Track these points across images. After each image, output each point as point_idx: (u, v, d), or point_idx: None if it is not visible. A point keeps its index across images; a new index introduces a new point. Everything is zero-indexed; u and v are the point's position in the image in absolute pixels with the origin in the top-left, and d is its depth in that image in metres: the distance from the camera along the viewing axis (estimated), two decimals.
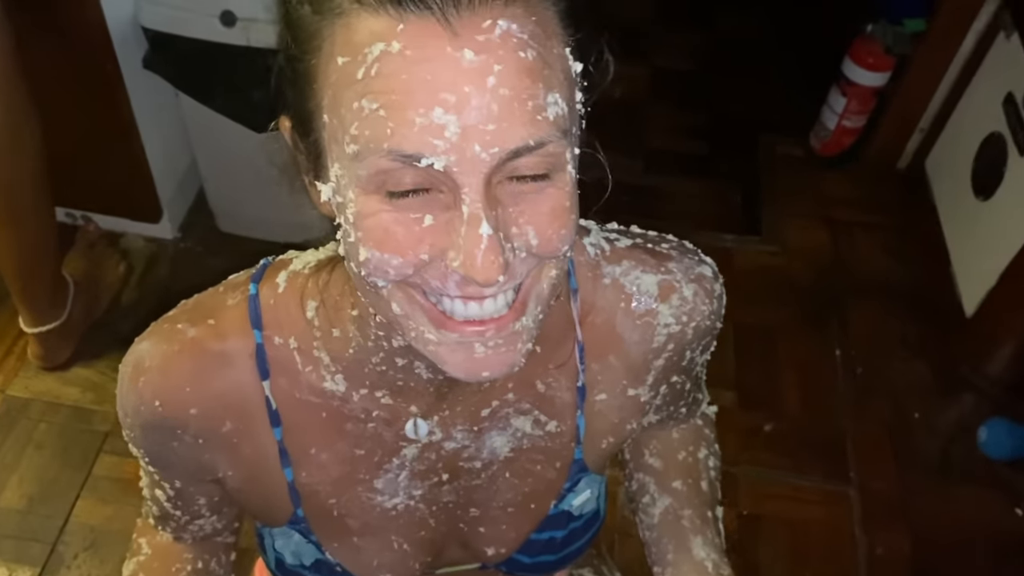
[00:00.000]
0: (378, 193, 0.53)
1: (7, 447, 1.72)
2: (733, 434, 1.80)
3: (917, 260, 2.13)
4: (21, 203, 1.56)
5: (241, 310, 0.71)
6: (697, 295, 0.76)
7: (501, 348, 0.57)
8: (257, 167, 1.90)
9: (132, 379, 0.71)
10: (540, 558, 0.85)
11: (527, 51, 0.51)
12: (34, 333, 1.76)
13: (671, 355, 0.78)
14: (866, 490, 1.75)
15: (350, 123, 0.52)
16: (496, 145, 0.50)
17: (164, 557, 0.87)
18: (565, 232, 0.55)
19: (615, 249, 0.76)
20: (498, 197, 0.53)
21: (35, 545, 1.60)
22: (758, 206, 2.29)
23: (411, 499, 0.79)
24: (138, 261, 2.01)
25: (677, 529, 0.89)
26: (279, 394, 0.72)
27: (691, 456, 0.92)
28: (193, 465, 0.75)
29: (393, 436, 0.74)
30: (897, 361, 1.96)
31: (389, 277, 0.55)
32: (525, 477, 0.80)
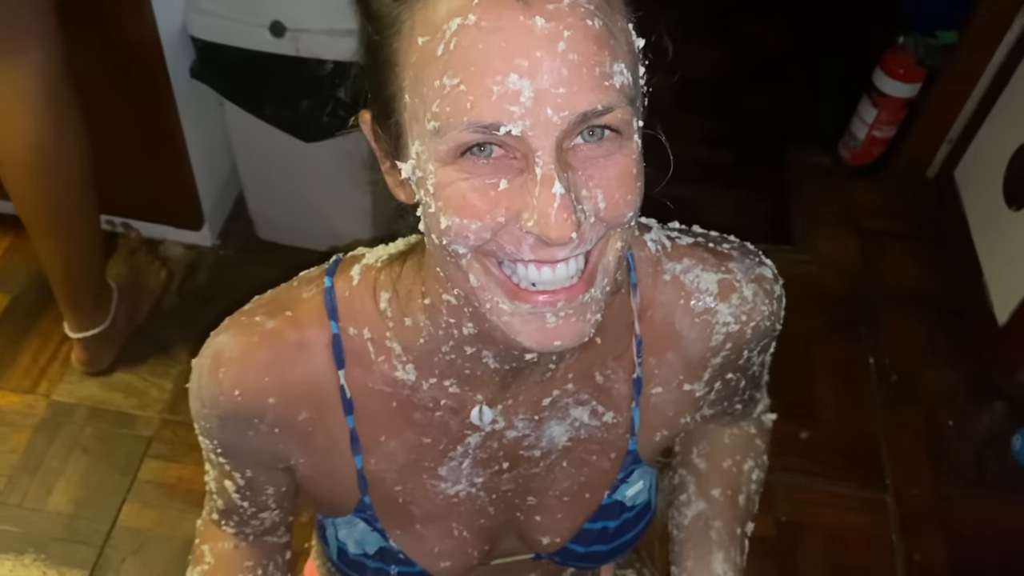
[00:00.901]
0: (456, 163, 0.56)
1: (53, 452, 1.74)
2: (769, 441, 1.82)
3: (948, 269, 2.14)
4: (68, 210, 1.58)
5: (317, 302, 0.74)
6: (757, 295, 0.77)
7: (572, 318, 0.60)
8: (298, 176, 1.95)
9: (211, 371, 0.73)
10: (593, 547, 0.86)
11: (594, 20, 0.54)
12: (79, 338, 1.78)
13: (729, 353, 0.79)
14: (902, 497, 1.77)
15: (432, 101, 0.55)
16: (567, 108, 0.53)
17: (227, 565, 0.89)
18: (632, 197, 0.58)
19: (676, 247, 0.78)
20: (569, 162, 0.56)
21: (83, 548, 1.62)
22: (786, 216, 2.31)
23: (472, 486, 0.81)
24: (178, 268, 2.04)
25: (703, 538, 0.91)
26: (353, 383, 0.75)
27: (736, 466, 0.94)
28: (267, 454, 0.78)
29: (459, 424, 0.77)
30: (930, 369, 1.97)
31: (469, 243, 0.57)
32: (581, 467, 0.82)
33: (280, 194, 1.96)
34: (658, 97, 2.29)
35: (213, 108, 1.84)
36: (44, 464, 1.71)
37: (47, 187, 1.53)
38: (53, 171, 1.52)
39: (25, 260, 2.00)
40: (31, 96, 1.44)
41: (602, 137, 0.57)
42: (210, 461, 0.82)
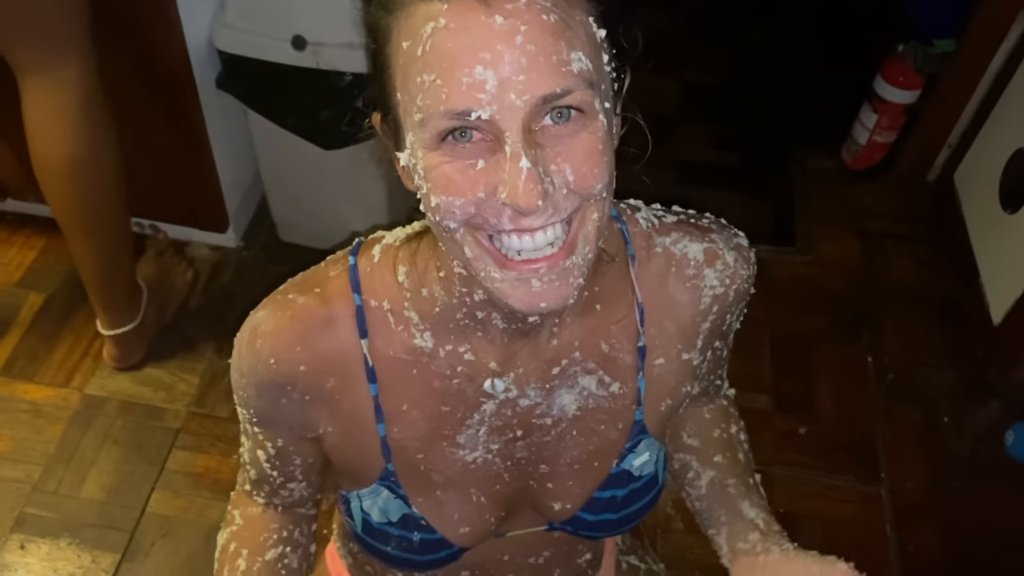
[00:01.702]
0: (439, 148, 0.63)
1: (86, 442, 1.82)
2: (769, 435, 1.89)
3: (946, 270, 2.20)
4: (101, 213, 1.66)
5: (343, 279, 0.81)
6: (737, 261, 0.85)
7: (555, 282, 0.66)
8: (318, 181, 2.03)
9: (250, 342, 0.80)
10: (603, 516, 0.91)
11: (549, 15, 0.60)
12: (110, 335, 1.86)
13: (715, 317, 0.86)
14: (897, 490, 1.82)
15: (416, 95, 0.62)
16: (527, 93, 0.60)
17: (254, 526, 0.95)
18: (598, 171, 0.64)
19: (663, 224, 0.85)
20: (539, 141, 0.62)
21: (115, 533, 1.70)
22: (790, 218, 2.37)
23: (489, 453, 0.86)
24: (204, 268, 2.11)
25: (725, 496, 0.97)
26: (375, 353, 0.81)
27: (724, 432, 1.01)
28: (298, 422, 0.84)
29: (474, 392, 0.82)
30: (927, 367, 2.03)
31: (456, 218, 0.65)
32: (590, 436, 0.87)
33: (301, 198, 2.04)
34: (667, 101, 2.36)
35: (238, 117, 1.92)
36: (78, 454, 1.80)
37: (82, 193, 1.61)
38: (88, 178, 1.60)
39: (59, 261, 2.08)
40: (69, 108, 1.52)
41: (568, 118, 0.63)
42: (246, 432, 0.89)
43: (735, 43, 2.90)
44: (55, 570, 1.64)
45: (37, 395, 1.88)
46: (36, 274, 2.09)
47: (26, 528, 1.69)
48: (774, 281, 2.18)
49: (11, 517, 1.70)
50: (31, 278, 2.08)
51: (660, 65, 2.52)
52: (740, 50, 2.87)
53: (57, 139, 1.55)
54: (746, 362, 2.00)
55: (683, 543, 1.73)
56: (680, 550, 1.72)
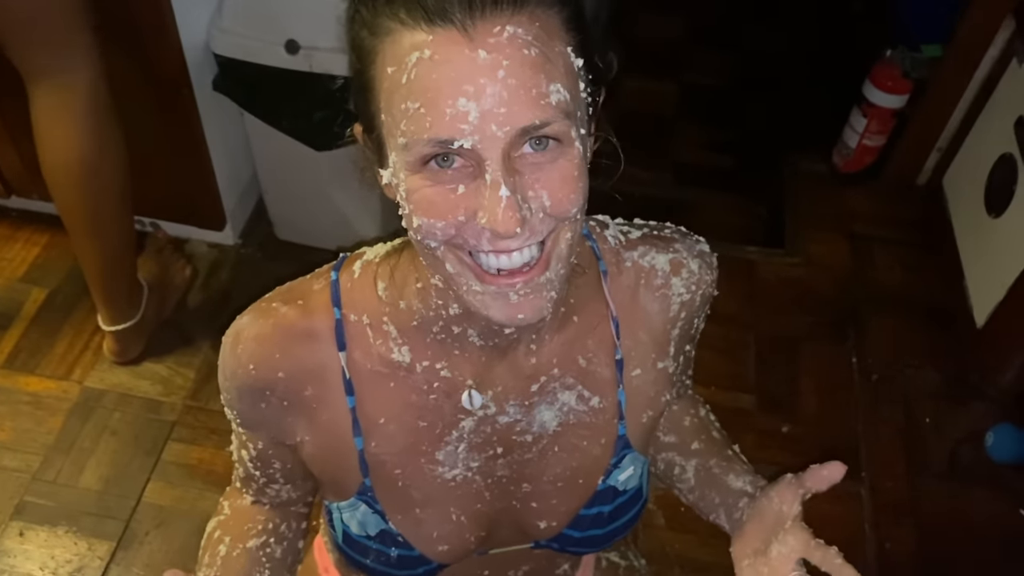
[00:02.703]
0: (421, 172, 0.65)
1: (85, 433, 1.86)
2: (752, 435, 1.92)
3: (932, 273, 2.22)
4: (107, 214, 1.70)
5: (325, 293, 0.83)
6: (701, 267, 0.88)
7: (531, 296, 0.69)
8: (313, 180, 2.07)
9: (232, 346, 0.83)
10: (589, 532, 0.92)
11: (531, 49, 0.63)
12: (111, 331, 1.90)
13: (684, 323, 0.89)
14: (877, 489, 1.85)
15: (399, 120, 0.64)
16: (508, 124, 0.62)
17: (240, 517, 0.97)
18: (574, 196, 0.67)
19: (630, 239, 0.88)
20: (517, 168, 0.65)
21: (111, 522, 1.74)
22: (782, 220, 2.40)
23: (469, 471, 0.87)
24: (202, 265, 2.15)
25: (711, 478, 0.98)
26: (353, 366, 0.83)
27: (695, 418, 1.03)
28: (276, 427, 0.86)
29: (452, 408, 0.84)
30: (910, 369, 2.05)
31: (437, 238, 0.67)
32: (573, 452, 0.89)
33: (297, 197, 2.08)
34: (664, 104, 2.40)
35: (234, 118, 1.97)
36: (77, 445, 1.85)
37: (89, 194, 1.65)
38: (95, 180, 1.64)
39: (61, 257, 2.13)
40: (77, 111, 1.57)
41: (546, 147, 0.65)
42: (234, 431, 0.92)
43: (734, 47, 2.93)
44: (53, 557, 1.69)
45: (38, 387, 1.93)
46: (39, 270, 2.14)
47: (25, 516, 1.74)
48: (762, 282, 2.21)
49: (11, 505, 1.75)
50: (34, 274, 2.13)
51: (660, 68, 2.57)
52: (739, 54, 2.91)
53: (66, 142, 1.60)
54: (730, 362, 2.03)
55: (664, 538, 1.76)
56: (661, 545, 1.75)
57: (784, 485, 0.90)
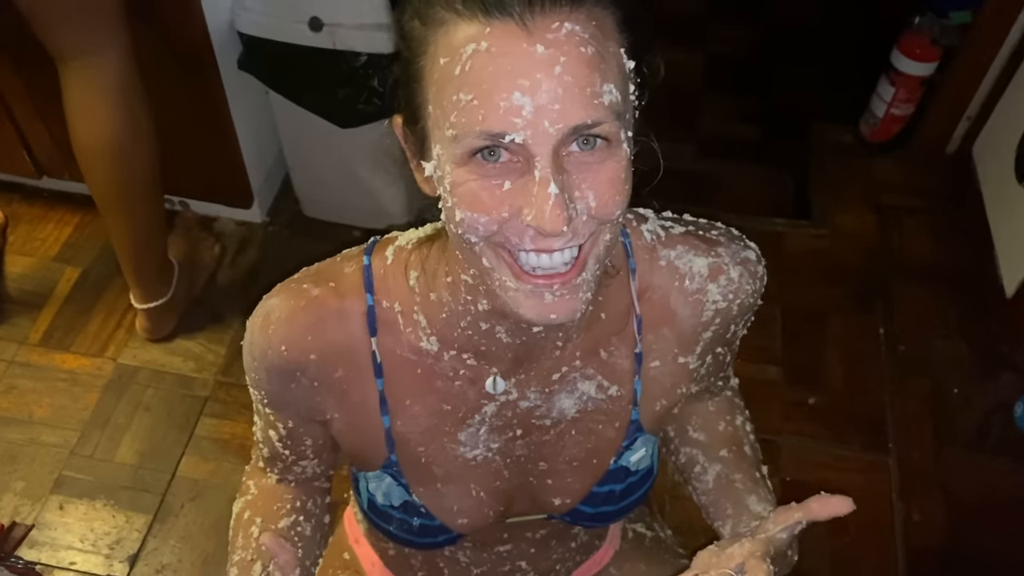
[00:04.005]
0: (468, 166, 0.64)
1: (120, 409, 1.90)
2: (778, 405, 1.92)
3: (961, 243, 2.20)
4: (137, 194, 1.72)
5: (356, 277, 0.83)
6: (743, 276, 0.85)
7: (566, 296, 0.69)
8: (339, 158, 2.09)
9: (262, 328, 0.83)
10: (601, 508, 0.94)
11: (587, 47, 0.62)
12: (143, 309, 1.93)
13: (718, 328, 0.88)
14: (904, 460, 1.85)
15: (450, 112, 0.63)
16: (561, 122, 0.62)
17: (268, 496, 0.99)
18: (620, 198, 0.66)
19: (670, 236, 0.86)
20: (565, 167, 0.64)
21: (147, 496, 1.78)
22: (809, 191, 2.38)
23: (489, 451, 0.89)
24: (231, 243, 2.18)
25: (731, 491, 0.98)
26: (383, 350, 0.84)
27: (730, 425, 1.02)
28: (306, 406, 0.87)
29: (476, 394, 0.85)
30: (939, 340, 2.04)
31: (479, 234, 0.66)
32: (589, 435, 0.90)
33: (323, 174, 2.10)
34: (688, 75, 2.38)
35: (260, 96, 1.98)
36: (112, 420, 1.89)
37: (120, 174, 1.68)
38: (126, 160, 1.66)
39: (94, 236, 2.17)
40: (107, 92, 1.59)
41: (595, 146, 0.64)
42: (258, 412, 0.93)
43: (760, 16, 2.90)
44: (92, 529, 1.74)
45: (74, 364, 1.97)
46: (72, 249, 2.17)
47: (65, 490, 1.79)
48: (788, 254, 2.20)
49: (50, 479, 1.80)
50: (67, 253, 2.16)
51: (684, 39, 2.55)
52: (764, 23, 2.87)
53: (96, 123, 1.62)
54: (757, 335, 2.00)
55: (691, 510, 1.73)
56: (688, 517, 1.76)
57: (783, 508, 0.86)
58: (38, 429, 1.87)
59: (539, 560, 1.07)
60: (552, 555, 1.07)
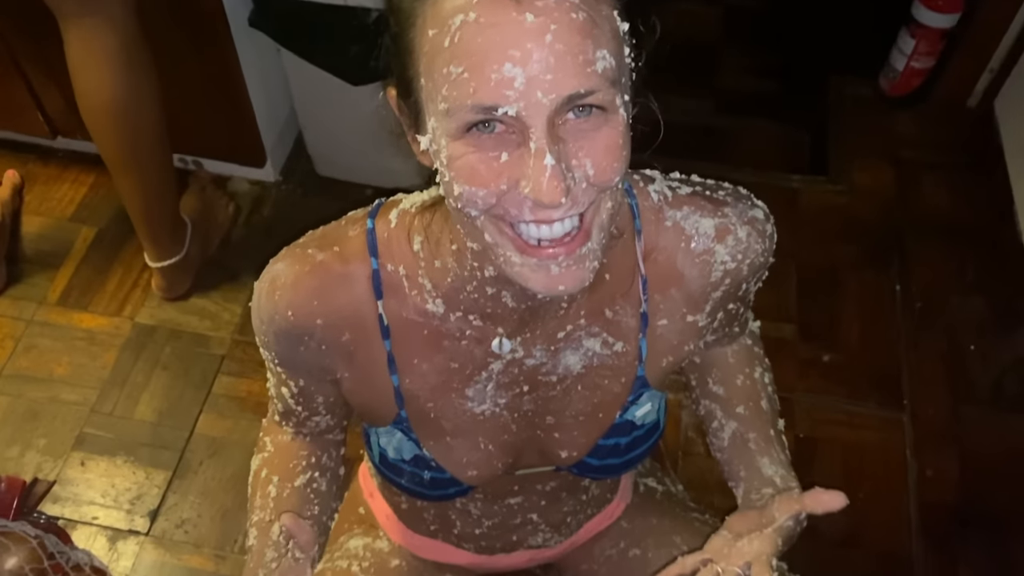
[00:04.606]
0: (464, 139, 0.64)
1: (138, 368, 1.92)
2: (792, 363, 1.92)
3: (981, 199, 2.17)
4: (144, 151, 1.72)
5: (361, 240, 0.84)
6: (751, 236, 0.85)
7: (572, 267, 0.68)
8: (351, 116, 2.07)
9: (269, 293, 0.84)
10: (607, 461, 0.96)
11: (578, 13, 0.61)
12: (157, 267, 1.94)
13: (729, 287, 0.88)
14: (919, 417, 1.85)
15: (441, 85, 0.63)
16: (554, 92, 0.61)
17: (284, 454, 1.01)
18: (617, 165, 0.66)
19: (676, 196, 0.86)
20: (561, 135, 0.63)
21: (166, 452, 1.81)
22: (826, 146, 2.35)
23: (496, 406, 0.90)
24: (244, 202, 2.18)
25: (745, 452, 0.99)
26: (390, 312, 0.85)
27: (748, 379, 1.02)
28: (316, 367, 0.88)
29: (482, 353, 0.86)
30: (956, 296, 2.02)
31: (478, 207, 0.66)
32: (595, 390, 0.91)
33: (335, 133, 2.09)
34: (705, 28, 2.35)
35: (271, 54, 1.97)
36: (130, 379, 1.91)
37: (125, 131, 1.67)
38: (130, 117, 1.65)
39: (108, 196, 2.17)
40: (109, 50, 1.57)
41: (590, 113, 0.64)
42: (270, 370, 0.94)
43: None
44: (113, 485, 1.77)
45: (92, 324, 1.99)
46: (87, 209, 2.18)
47: (86, 447, 1.82)
48: (804, 211, 2.18)
49: (72, 436, 1.83)
50: (83, 213, 2.17)
51: None
52: None
53: (98, 81, 1.61)
54: (771, 292, 1.99)
55: (703, 465, 1.78)
56: (700, 472, 1.77)
57: (786, 496, 0.90)
58: (58, 387, 1.89)
59: (550, 512, 1.08)
60: (563, 508, 1.09)
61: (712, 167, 2.18)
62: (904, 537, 1.70)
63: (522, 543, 1.14)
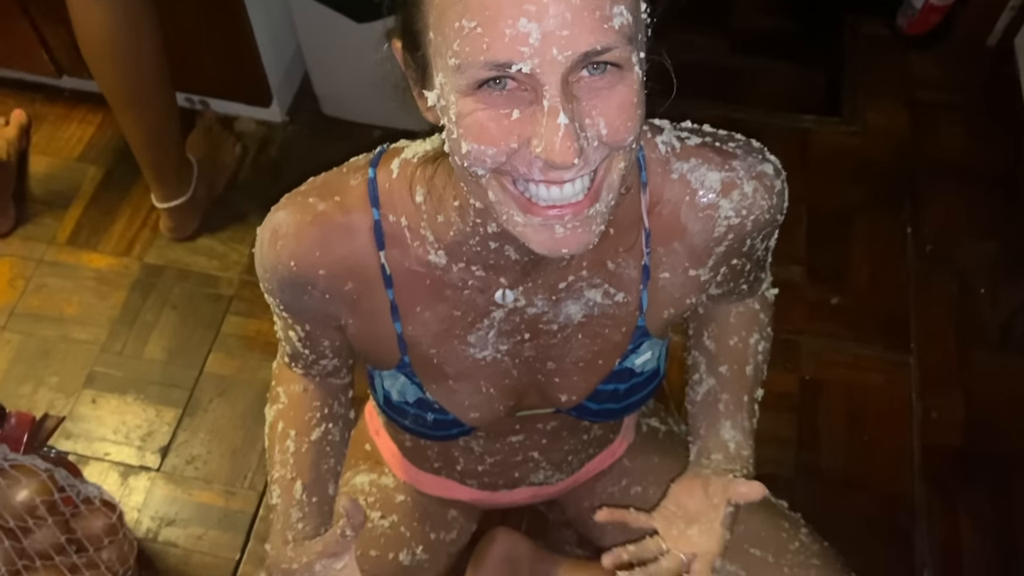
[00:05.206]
0: (474, 95, 0.62)
1: (147, 308, 1.94)
2: (800, 305, 1.91)
3: (999, 141, 2.13)
4: (144, 85, 1.71)
5: (362, 190, 0.83)
6: (757, 191, 0.83)
7: (578, 229, 0.67)
8: (357, 55, 2.05)
9: (271, 243, 0.84)
10: (605, 405, 0.97)
11: None
12: (164, 208, 1.95)
13: (732, 243, 0.86)
14: (925, 360, 1.84)
15: (452, 40, 0.61)
16: (570, 48, 0.59)
17: (297, 406, 1.02)
18: (632, 124, 0.64)
19: (685, 147, 0.84)
20: (575, 93, 0.62)
21: (176, 391, 1.83)
22: (841, 87, 2.31)
23: (498, 352, 0.91)
24: (251, 143, 2.17)
25: (713, 411, 1.02)
26: (392, 262, 0.85)
27: (742, 342, 1.03)
28: (321, 314, 0.89)
29: (484, 301, 0.86)
30: (967, 239, 2.00)
31: (487, 166, 0.65)
32: (595, 338, 0.91)
33: (341, 72, 2.06)
34: None
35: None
36: (140, 318, 1.92)
37: (125, 70, 1.66)
38: (130, 57, 1.64)
39: (115, 136, 2.16)
40: None
41: (605, 71, 0.62)
42: (276, 315, 0.95)
43: None
44: (124, 423, 1.79)
45: (101, 264, 2.00)
46: (95, 149, 2.18)
47: (96, 385, 1.84)
48: (817, 152, 2.15)
49: (83, 375, 1.85)
50: (90, 153, 2.17)
51: None
52: None
53: (97, 18, 1.60)
54: (781, 235, 1.98)
55: None
56: None
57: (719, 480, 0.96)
58: (69, 326, 1.91)
59: (551, 451, 1.10)
60: (564, 447, 1.11)
61: (726, 107, 2.17)
62: (906, 478, 1.71)
63: (524, 480, 1.16)
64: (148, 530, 1.67)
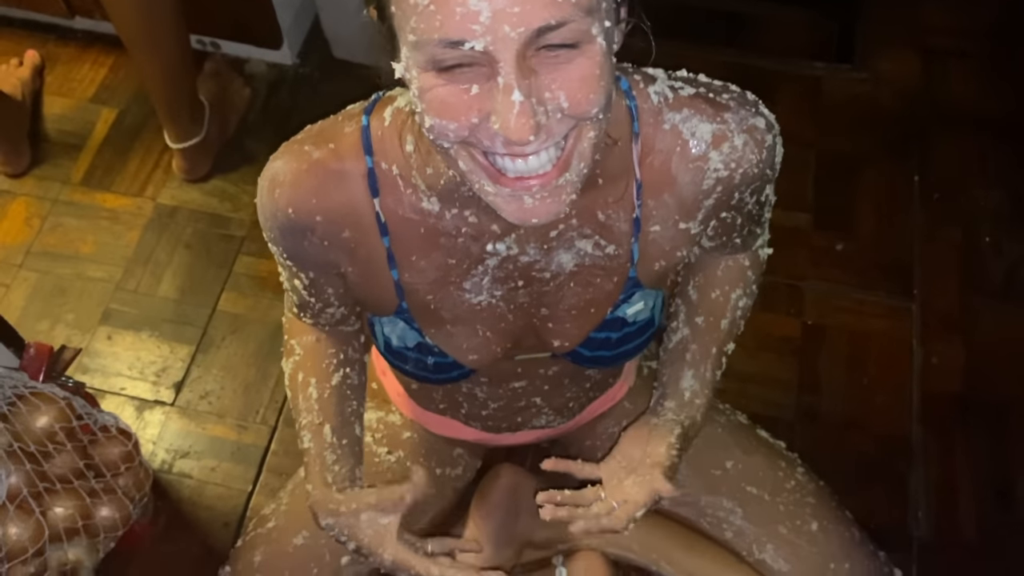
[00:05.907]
0: (434, 71, 0.63)
1: (160, 247, 1.97)
2: (805, 251, 1.92)
3: (1009, 88, 2.12)
4: (160, 28, 1.72)
5: (355, 137, 0.85)
6: (747, 145, 0.84)
7: (547, 199, 0.69)
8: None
9: (269, 191, 0.87)
10: (598, 352, 0.99)
11: None
12: (178, 148, 1.97)
13: (720, 195, 0.88)
14: (927, 306, 1.85)
15: (410, 15, 0.61)
16: (522, 25, 0.59)
17: (313, 355, 1.05)
18: (594, 96, 0.64)
19: (678, 97, 0.84)
20: (533, 67, 0.62)
21: (189, 328, 1.87)
22: (853, 33, 2.29)
23: (493, 298, 0.93)
24: (261, 85, 2.17)
25: (679, 360, 1.05)
26: (386, 210, 0.87)
27: (723, 296, 1.05)
28: (322, 260, 0.91)
29: (478, 249, 0.88)
30: (975, 188, 2.00)
31: (450, 139, 0.66)
32: (587, 287, 0.93)
33: (351, 13, 2.06)
34: None
35: None
36: (153, 257, 1.95)
37: (139, 11, 1.68)
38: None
39: (129, 77, 2.18)
40: None
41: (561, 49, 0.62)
42: (281, 264, 0.97)
43: None
44: (139, 359, 1.84)
45: (115, 204, 2.03)
46: (108, 91, 2.19)
47: (112, 322, 1.88)
48: (826, 99, 2.14)
49: (98, 312, 1.89)
50: (103, 94, 2.18)
51: None
52: None
53: None
54: (788, 181, 1.98)
55: None
56: None
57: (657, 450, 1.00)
58: (84, 264, 1.95)
59: (552, 397, 1.12)
60: (565, 393, 1.13)
61: (737, 54, 2.16)
62: (905, 422, 1.73)
63: (526, 424, 1.19)
64: (163, 462, 1.72)
